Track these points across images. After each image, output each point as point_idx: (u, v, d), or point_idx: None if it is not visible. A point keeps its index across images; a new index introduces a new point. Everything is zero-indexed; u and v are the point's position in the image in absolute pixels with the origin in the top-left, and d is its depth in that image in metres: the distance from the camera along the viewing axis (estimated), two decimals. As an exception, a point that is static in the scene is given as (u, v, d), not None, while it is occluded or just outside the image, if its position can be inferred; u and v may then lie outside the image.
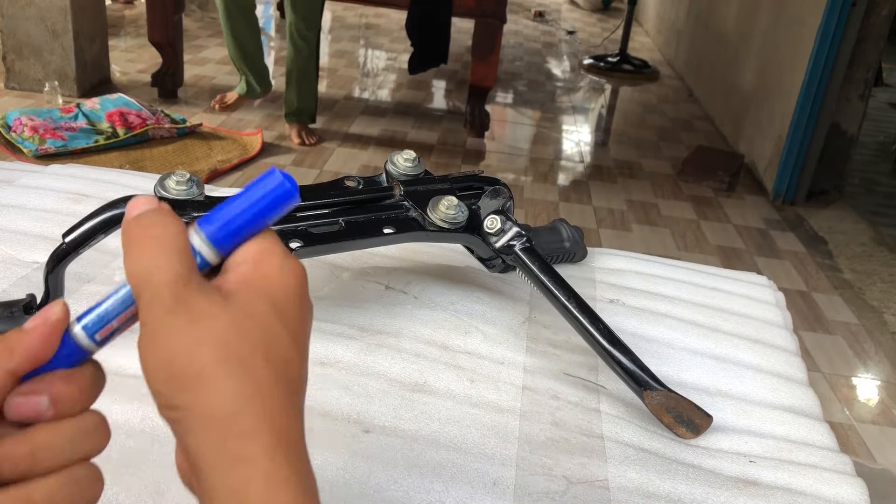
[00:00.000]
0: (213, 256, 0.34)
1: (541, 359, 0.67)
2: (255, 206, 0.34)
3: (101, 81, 3.60)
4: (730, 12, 4.26)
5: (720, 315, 0.79)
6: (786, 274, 2.62)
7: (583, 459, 0.56)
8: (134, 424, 0.51)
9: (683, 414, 0.60)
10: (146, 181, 0.91)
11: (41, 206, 0.81)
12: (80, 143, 2.80)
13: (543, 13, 6.68)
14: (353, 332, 0.66)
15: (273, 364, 0.31)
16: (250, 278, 0.32)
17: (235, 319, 0.31)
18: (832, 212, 3.19)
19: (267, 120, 3.39)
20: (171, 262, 0.31)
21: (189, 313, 0.30)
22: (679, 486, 0.55)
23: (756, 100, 3.63)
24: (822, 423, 0.65)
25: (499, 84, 4.39)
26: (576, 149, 3.68)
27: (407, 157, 0.70)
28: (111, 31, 3.99)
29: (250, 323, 0.31)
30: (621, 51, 5.11)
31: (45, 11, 3.30)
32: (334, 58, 4.65)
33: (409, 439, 0.55)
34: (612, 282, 0.82)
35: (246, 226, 0.34)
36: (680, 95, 4.72)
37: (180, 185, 0.60)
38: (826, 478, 0.57)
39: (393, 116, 3.71)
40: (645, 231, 2.83)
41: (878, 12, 3.01)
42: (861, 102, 3.18)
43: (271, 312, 0.32)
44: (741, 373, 0.70)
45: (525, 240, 0.68)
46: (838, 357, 2.17)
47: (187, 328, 0.30)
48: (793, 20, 3.33)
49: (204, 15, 5.09)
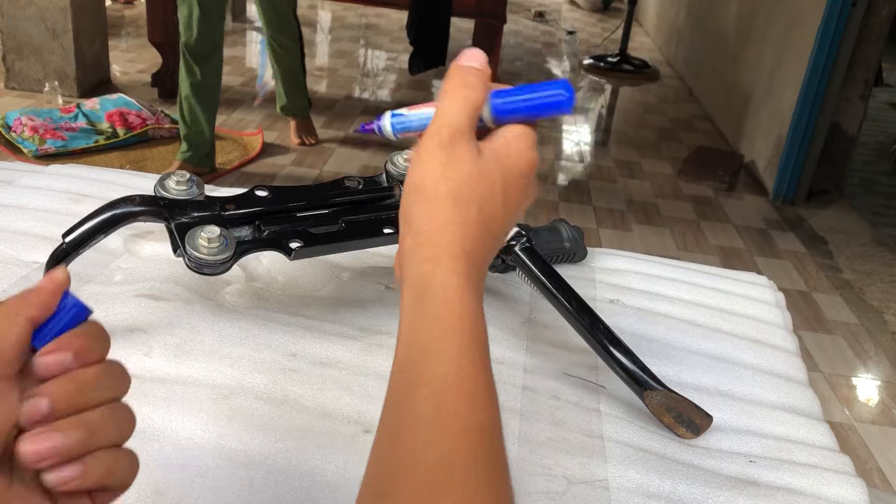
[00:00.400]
0: (490, 121, 0.45)
1: (541, 359, 0.67)
2: (534, 102, 0.44)
3: (101, 81, 3.60)
4: (730, 12, 4.26)
5: (720, 315, 0.79)
6: (786, 274, 2.62)
7: (583, 459, 0.56)
8: (134, 424, 0.51)
9: (683, 414, 0.60)
10: (146, 181, 0.91)
11: (41, 206, 0.81)
12: (80, 143, 2.80)
13: (543, 13, 6.68)
14: (353, 332, 0.66)
15: (482, 213, 0.42)
16: (499, 151, 0.44)
17: (474, 173, 0.42)
18: (832, 212, 3.19)
19: (267, 120, 3.39)
20: (461, 116, 0.43)
21: (451, 153, 0.42)
22: (679, 486, 0.55)
23: (756, 100, 3.63)
24: (822, 423, 0.65)
25: (499, 84, 4.39)
26: (576, 149, 3.68)
27: (407, 157, 0.70)
28: (111, 31, 3.99)
29: (482, 180, 0.42)
30: (621, 51, 5.11)
31: (45, 11, 3.30)
32: (334, 58, 4.65)
33: (409, 439, 0.55)
34: (612, 282, 0.82)
35: (520, 112, 0.45)
36: (680, 95, 4.72)
37: (180, 185, 0.60)
38: (826, 478, 0.57)
39: (393, 116, 3.71)
40: (645, 231, 2.83)
41: (878, 12, 3.01)
42: (861, 102, 3.18)
43: (498, 180, 0.43)
44: (741, 373, 0.70)
45: (525, 240, 0.68)
46: (838, 357, 2.17)
47: (444, 162, 0.42)
48: (793, 20, 3.33)
49: (204, 15, 5.08)
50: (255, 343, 0.62)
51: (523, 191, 0.45)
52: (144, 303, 0.64)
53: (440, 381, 0.37)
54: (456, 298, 0.40)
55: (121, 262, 0.72)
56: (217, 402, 0.55)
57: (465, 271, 0.40)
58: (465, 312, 0.39)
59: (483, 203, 0.42)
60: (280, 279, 0.73)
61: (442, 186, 0.42)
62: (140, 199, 0.58)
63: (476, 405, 0.37)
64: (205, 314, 0.64)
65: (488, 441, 0.36)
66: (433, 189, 0.42)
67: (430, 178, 0.42)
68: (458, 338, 0.39)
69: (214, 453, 0.50)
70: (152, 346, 0.59)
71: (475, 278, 0.41)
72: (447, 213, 0.41)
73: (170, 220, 0.58)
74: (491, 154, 0.43)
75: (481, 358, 0.39)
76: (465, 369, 0.38)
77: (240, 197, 0.62)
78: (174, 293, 0.66)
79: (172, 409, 0.53)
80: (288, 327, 0.65)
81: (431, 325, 0.39)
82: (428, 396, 0.37)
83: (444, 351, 0.38)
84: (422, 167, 0.42)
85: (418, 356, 0.38)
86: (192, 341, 0.61)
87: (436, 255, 0.40)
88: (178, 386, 0.56)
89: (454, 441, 0.35)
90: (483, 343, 0.39)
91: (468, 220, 0.42)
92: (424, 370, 0.38)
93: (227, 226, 0.59)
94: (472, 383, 0.37)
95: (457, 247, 0.41)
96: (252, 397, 0.56)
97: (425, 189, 0.42)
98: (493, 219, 0.43)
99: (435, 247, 0.41)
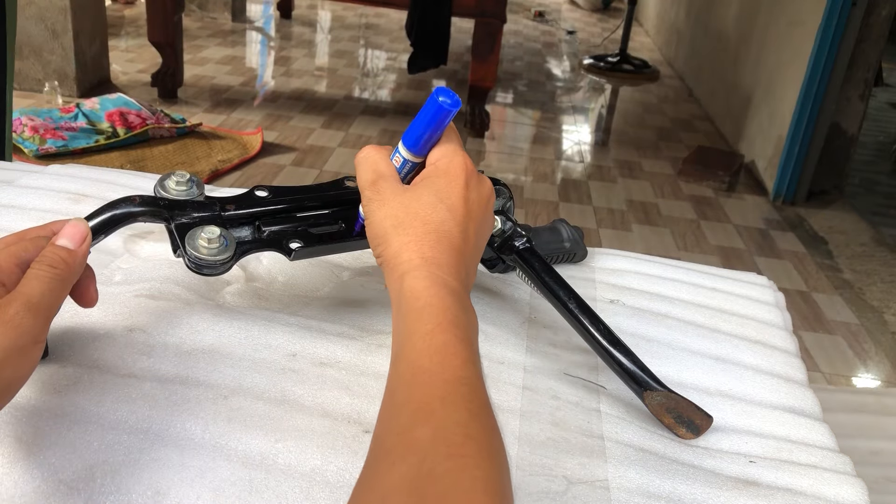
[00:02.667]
0: (413, 157, 0.55)
1: (541, 359, 0.67)
2: (424, 120, 0.53)
3: (101, 81, 3.60)
4: (730, 12, 4.26)
5: (720, 315, 0.79)
6: (786, 274, 2.62)
7: (583, 459, 0.56)
8: (134, 424, 0.51)
9: (684, 414, 0.60)
10: (146, 181, 0.91)
11: (41, 206, 0.81)
12: (80, 143, 2.80)
13: (543, 13, 6.68)
14: (353, 332, 0.66)
15: (427, 223, 0.51)
16: (427, 174, 0.54)
17: (406, 202, 0.52)
18: (832, 212, 3.19)
19: (267, 120, 3.39)
20: (368, 174, 0.55)
21: (381, 200, 0.53)
22: (679, 486, 0.55)
23: (756, 100, 3.63)
24: (822, 423, 0.65)
25: (499, 84, 4.39)
26: (576, 149, 3.68)
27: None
28: (111, 31, 3.99)
29: (415, 202, 0.52)
30: (621, 51, 5.11)
31: (45, 11, 3.30)
32: (334, 58, 4.65)
33: (409, 439, 0.55)
34: (612, 282, 0.82)
35: (423, 134, 0.54)
36: (680, 95, 4.71)
37: (180, 186, 0.60)
38: (826, 478, 0.57)
39: (393, 116, 3.71)
40: (645, 231, 2.83)
41: (878, 12, 3.00)
42: (861, 102, 3.18)
43: (432, 194, 0.52)
44: (741, 373, 0.70)
45: (525, 240, 0.68)
46: (838, 357, 2.17)
47: (380, 209, 0.53)
48: (793, 20, 3.33)
49: (204, 15, 5.09)
50: (255, 343, 0.62)
51: (464, 191, 0.53)
52: (144, 303, 0.64)
53: (416, 352, 0.43)
54: (423, 291, 0.46)
55: (121, 263, 0.71)
56: (217, 402, 0.55)
57: (429, 273, 0.48)
58: (434, 300, 0.46)
59: (425, 216, 0.51)
60: (280, 279, 0.73)
61: (386, 223, 0.52)
62: (140, 200, 0.58)
63: (448, 363, 0.41)
64: (205, 314, 0.64)
65: (467, 389, 0.40)
66: (380, 227, 0.52)
67: (377, 224, 0.52)
68: (429, 318, 0.44)
69: (214, 453, 0.50)
70: (152, 346, 0.59)
71: (441, 275, 0.48)
72: (397, 240, 0.50)
73: (170, 220, 0.58)
74: (422, 181, 0.54)
75: (454, 329, 0.44)
76: (437, 337, 0.43)
77: (240, 197, 0.62)
78: (174, 293, 0.66)
79: (172, 409, 0.53)
80: (288, 327, 0.65)
81: (407, 318, 0.46)
82: (406, 368, 0.42)
83: (417, 331, 0.44)
84: (370, 222, 0.53)
85: (399, 347, 0.45)
86: (192, 341, 0.61)
87: (401, 272, 0.49)
88: (178, 386, 0.56)
89: (431, 390, 0.40)
90: (452, 318, 0.45)
91: (417, 235, 0.50)
92: (403, 352, 0.44)
93: (227, 226, 0.59)
94: (443, 346, 0.43)
95: (415, 259, 0.49)
96: (252, 397, 0.56)
97: (377, 233, 0.52)
98: (441, 223, 0.51)
99: (399, 265, 0.49)
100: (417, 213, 0.51)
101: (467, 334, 0.45)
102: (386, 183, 0.53)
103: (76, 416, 0.51)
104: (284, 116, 3.49)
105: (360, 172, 0.56)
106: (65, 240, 0.48)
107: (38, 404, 0.52)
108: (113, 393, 0.54)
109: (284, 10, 5.42)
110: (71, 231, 0.49)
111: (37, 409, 0.51)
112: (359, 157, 0.57)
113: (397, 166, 0.56)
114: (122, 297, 0.65)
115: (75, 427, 0.50)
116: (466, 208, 0.52)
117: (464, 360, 0.42)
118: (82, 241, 0.49)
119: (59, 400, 0.52)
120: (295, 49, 4.73)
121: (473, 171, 0.54)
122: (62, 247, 0.48)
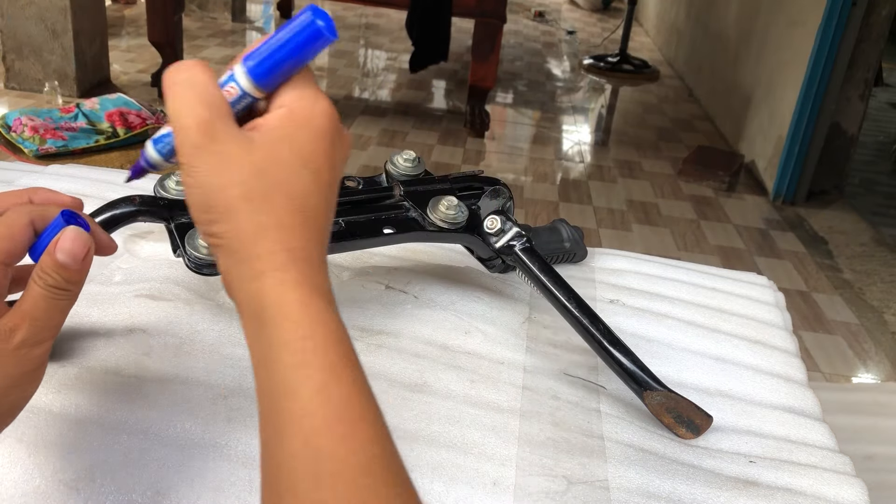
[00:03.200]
0: (256, 91, 0.38)
1: (541, 359, 0.67)
2: (289, 45, 0.37)
3: (101, 81, 3.60)
4: (730, 12, 4.26)
5: (720, 315, 0.79)
6: (786, 274, 2.62)
7: (583, 459, 0.56)
8: (134, 424, 0.51)
9: (683, 414, 0.60)
10: (146, 181, 0.91)
11: (41, 206, 0.81)
12: (80, 143, 2.80)
13: (543, 13, 6.68)
14: (353, 332, 0.66)
15: (292, 198, 0.36)
16: (282, 123, 0.37)
17: (258, 161, 0.36)
18: (832, 212, 3.19)
19: (267, 120, 3.39)
20: (196, 107, 0.36)
21: (218, 155, 0.35)
22: (679, 486, 0.55)
23: (756, 100, 3.63)
24: (822, 423, 0.65)
25: (499, 84, 4.39)
26: (576, 149, 3.68)
27: (407, 157, 0.70)
28: (111, 31, 3.99)
29: (274, 164, 0.36)
30: (621, 51, 5.11)
31: (45, 11, 3.30)
32: (334, 58, 4.65)
33: (409, 439, 0.55)
34: (612, 282, 0.82)
35: (282, 63, 0.37)
36: (680, 95, 4.71)
37: (180, 186, 0.60)
38: (826, 478, 0.57)
39: (393, 116, 3.71)
40: (645, 231, 2.83)
41: (878, 12, 3.00)
42: (861, 102, 3.18)
43: (294, 154, 0.37)
44: (741, 373, 0.70)
45: (525, 240, 0.68)
46: (838, 357, 2.17)
47: (218, 168, 0.35)
48: (793, 20, 3.33)
49: (204, 15, 5.09)
50: (255, 343, 0.62)
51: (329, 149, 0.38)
52: (144, 303, 0.64)
53: (309, 420, 0.33)
54: (297, 313, 0.35)
55: (120, 263, 0.71)
56: (217, 402, 0.55)
57: (298, 275, 0.35)
58: (317, 326, 0.35)
59: (288, 187, 0.36)
60: (280, 279, 0.73)
61: (229, 193, 0.35)
62: (140, 200, 0.58)
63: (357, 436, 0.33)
64: (205, 314, 0.64)
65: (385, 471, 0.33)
66: (222, 201, 0.35)
67: (215, 192, 0.35)
68: (316, 357, 0.34)
69: (214, 453, 0.50)
70: (152, 346, 0.59)
71: (313, 275, 0.36)
72: (251, 220, 0.35)
73: (170, 220, 0.58)
74: (275, 131, 0.37)
75: (349, 371, 0.35)
76: (333, 393, 0.33)
77: (240, 197, 0.62)
78: (174, 293, 0.66)
79: (172, 409, 0.53)
80: (288, 327, 0.65)
81: (282, 355, 0.34)
82: (300, 447, 0.32)
83: (304, 381, 0.33)
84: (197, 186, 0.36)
85: (280, 397, 0.34)
86: (192, 341, 0.61)
87: (259, 271, 0.35)
88: (179, 386, 0.56)
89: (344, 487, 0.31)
90: (344, 352, 0.36)
91: (279, 215, 0.36)
92: (290, 415, 0.33)
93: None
94: (345, 407, 0.33)
95: (279, 253, 0.35)
96: (252, 397, 0.56)
97: (214, 204, 0.35)
98: (306, 196, 0.37)
99: (256, 261, 0.35)
100: (278, 180, 0.36)
101: (354, 358, 0.36)
102: (226, 127, 0.36)
103: (76, 416, 0.51)
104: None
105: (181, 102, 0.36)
106: (66, 256, 0.40)
107: (38, 404, 0.52)
108: (113, 393, 0.54)
109: (284, 10, 5.42)
110: (70, 246, 0.40)
111: (37, 409, 0.51)
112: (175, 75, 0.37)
113: (229, 99, 0.38)
114: (122, 297, 0.65)
115: (75, 427, 0.50)
116: (332, 175, 0.39)
117: (372, 422, 0.34)
118: (85, 255, 0.41)
119: (59, 400, 0.52)
120: (295, 49, 4.72)
121: (339, 123, 0.40)
122: (65, 265, 0.40)
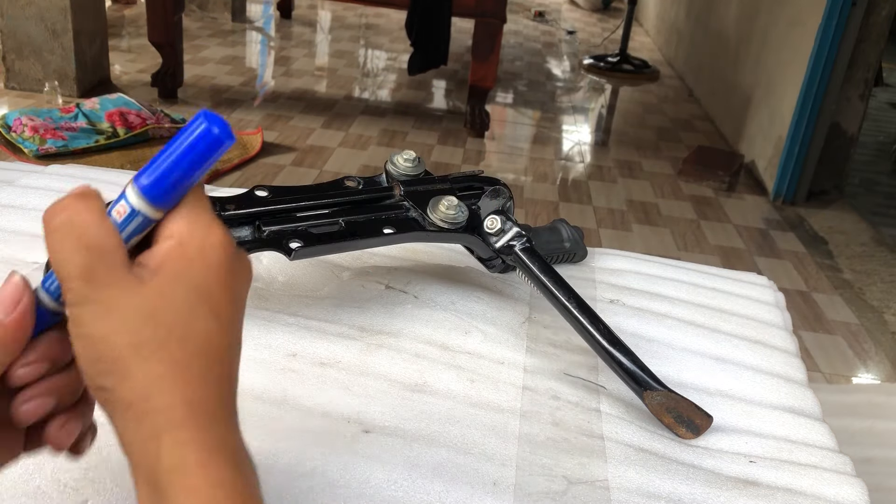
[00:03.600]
0: (152, 211, 0.34)
1: (541, 359, 0.67)
2: (186, 157, 0.33)
3: (101, 81, 3.60)
4: (730, 12, 4.26)
5: (720, 315, 0.79)
6: (786, 274, 2.62)
7: (583, 459, 0.56)
8: (134, 424, 0.51)
9: (683, 414, 0.60)
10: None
11: (41, 207, 0.81)
12: (80, 143, 2.80)
13: (543, 13, 6.68)
14: (353, 332, 0.66)
15: (190, 341, 0.33)
16: (172, 257, 0.33)
17: (148, 305, 0.32)
18: (832, 212, 3.19)
19: (267, 120, 3.39)
20: (74, 256, 0.32)
21: (103, 303, 0.32)
22: (679, 486, 0.55)
23: (756, 100, 3.63)
24: (822, 423, 0.65)
25: (499, 84, 4.39)
26: (576, 149, 3.68)
27: (407, 157, 0.70)
28: (111, 31, 3.99)
29: (165, 306, 0.32)
30: (621, 51, 5.11)
31: (45, 11, 3.30)
32: (334, 58, 4.65)
33: (409, 439, 0.55)
34: (612, 282, 0.83)
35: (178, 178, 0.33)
36: (680, 95, 4.71)
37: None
38: (826, 478, 0.57)
39: (393, 116, 3.71)
40: (645, 231, 2.83)
41: (878, 12, 3.00)
42: (861, 102, 3.18)
43: (189, 292, 0.33)
44: (741, 373, 0.70)
45: (525, 240, 0.68)
46: (838, 357, 2.17)
47: (104, 316, 0.32)
48: (793, 20, 3.33)
49: (204, 15, 5.09)
50: (255, 343, 0.62)
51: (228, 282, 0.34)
52: (144, 303, 0.64)
53: None
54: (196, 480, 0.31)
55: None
56: (217, 402, 0.55)
57: (201, 434, 0.31)
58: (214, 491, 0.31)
59: (185, 329, 0.32)
60: (280, 279, 0.73)
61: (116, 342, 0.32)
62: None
63: None
64: (205, 314, 0.64)
65: None
66: (108, 351, 0.32)
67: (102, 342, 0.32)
68: None
69: (214, 453, 0.50)
70: (152, 346, 0.59)
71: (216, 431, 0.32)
72: (143, 370, 0.31)
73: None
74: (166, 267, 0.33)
75: None
76: None
77: (240, 197, 0.62)
78: (174, 293, 0.66)
79: (172, 409, 0.53)
80: (288, 327, 0.65)
81: None
82: None
83: None
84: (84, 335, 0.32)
85: None
86: (192, 341, 0.61)
87: (155, 430, 0.31)
88: (178, 386, 0.56)
89: None
90: None
91: (176, 363, 0.32)
92: None
93: (227, 226, 0.59)
94: None
95: (178, 407, 0.31)
96: (252, 397, 0.56)
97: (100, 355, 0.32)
98: (207, 337, 0.33)
99: (151, 417, 0.31)
100: (173, 323, 0.32)
101: None
102: (109, 271, 0.32)
103: (76, 416, 0.51)
104: (284, 116, 3.49)
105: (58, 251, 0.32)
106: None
107: (38, 404, 0.52)
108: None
109: (284, 10, 5.42)
110: None
111: (37, 409, 0.51)
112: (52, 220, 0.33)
113: (118, 221, 0.34)
114: (122, 297, 0.65)
115: (75, 427, 0.50)
116: (234, 309, 0.35)
117: None
118: (14, 308, 0.34)
119: (59, 400, 0.52)
120: (295, 49, 4.73)
121: (235, 250, 0.35)
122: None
